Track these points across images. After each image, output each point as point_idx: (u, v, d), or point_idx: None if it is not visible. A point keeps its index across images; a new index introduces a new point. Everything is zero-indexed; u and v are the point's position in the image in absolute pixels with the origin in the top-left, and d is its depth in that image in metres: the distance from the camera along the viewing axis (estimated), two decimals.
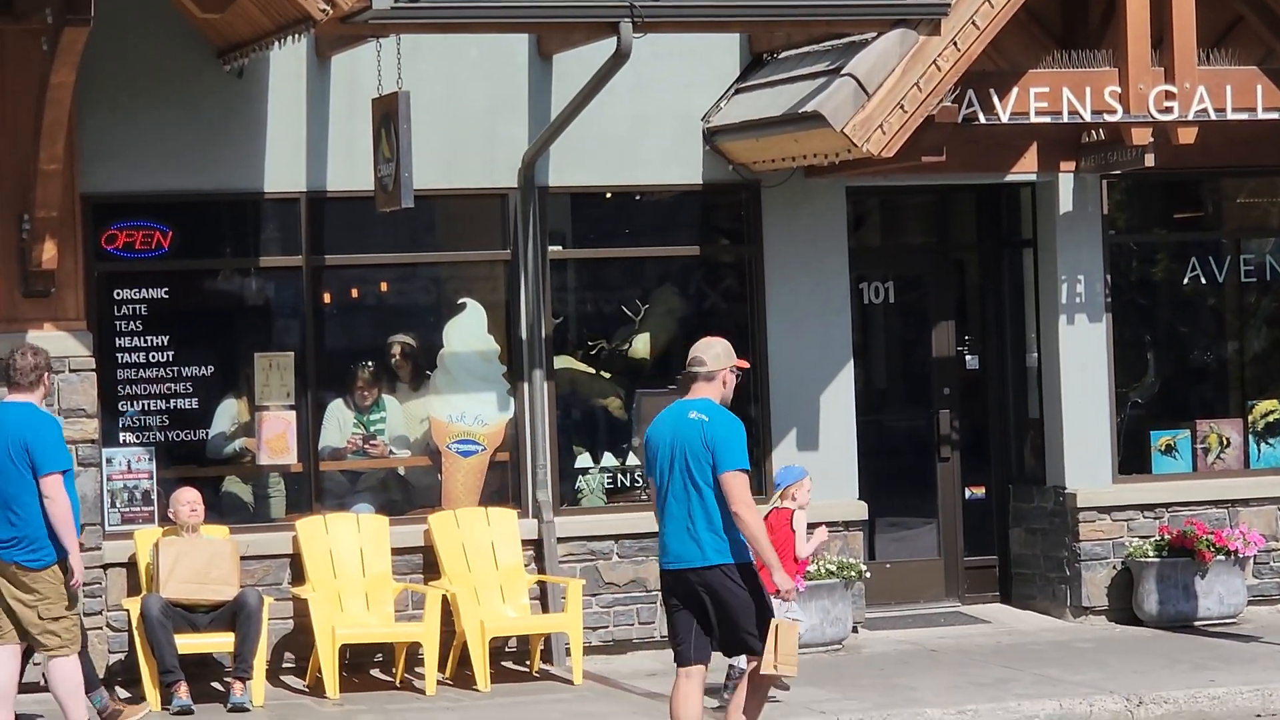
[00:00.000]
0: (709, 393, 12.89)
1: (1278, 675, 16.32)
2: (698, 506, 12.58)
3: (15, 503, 13.88)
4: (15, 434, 13.87)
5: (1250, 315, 20.24)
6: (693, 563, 12.56)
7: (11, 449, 13.85)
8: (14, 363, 14.11)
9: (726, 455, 12.53)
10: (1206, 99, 18.11)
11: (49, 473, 13.82)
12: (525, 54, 17.92)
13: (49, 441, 13.90)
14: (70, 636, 14.01)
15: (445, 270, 18.29)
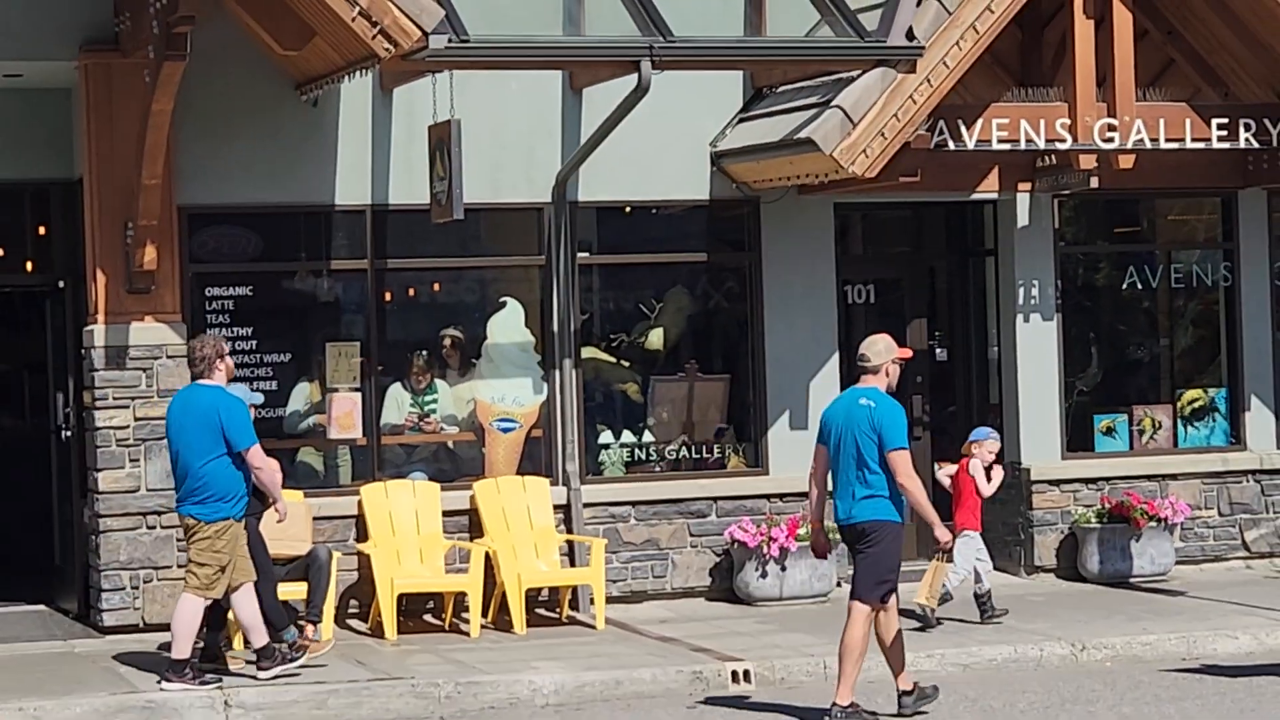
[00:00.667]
0: (875, 383, 13.48)
1: (1201, 625, 16.40)
2: (862, 475, 13.23)
3: (194, 469, 14.49)
4: (206, 412, 14.46)
5: (1179, 316, 20.29)
6: (852, 519, 13.25)
7: (201, 424, 14.44)
8: (193, 352, 14.88)
9: (891, 436, 13.18)
10: (1143, 130, 18.22)
11: (248, 446, 14.50)
12: (559, 88, 17.96)
13: (241, 420, 14.55)
14: (205, 584, 14.48)
15: (489, 273, 18.35)
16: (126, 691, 14.36)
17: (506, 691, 14.61)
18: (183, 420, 14.63)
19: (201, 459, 14.46)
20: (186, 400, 14.75)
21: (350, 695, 14.40)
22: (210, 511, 14.49)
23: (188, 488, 14.58)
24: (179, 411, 14.72)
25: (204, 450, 14.48)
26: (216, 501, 14.50)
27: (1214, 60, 19.08)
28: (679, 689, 14.85)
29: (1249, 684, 14.57)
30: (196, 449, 14.49)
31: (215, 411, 14.49)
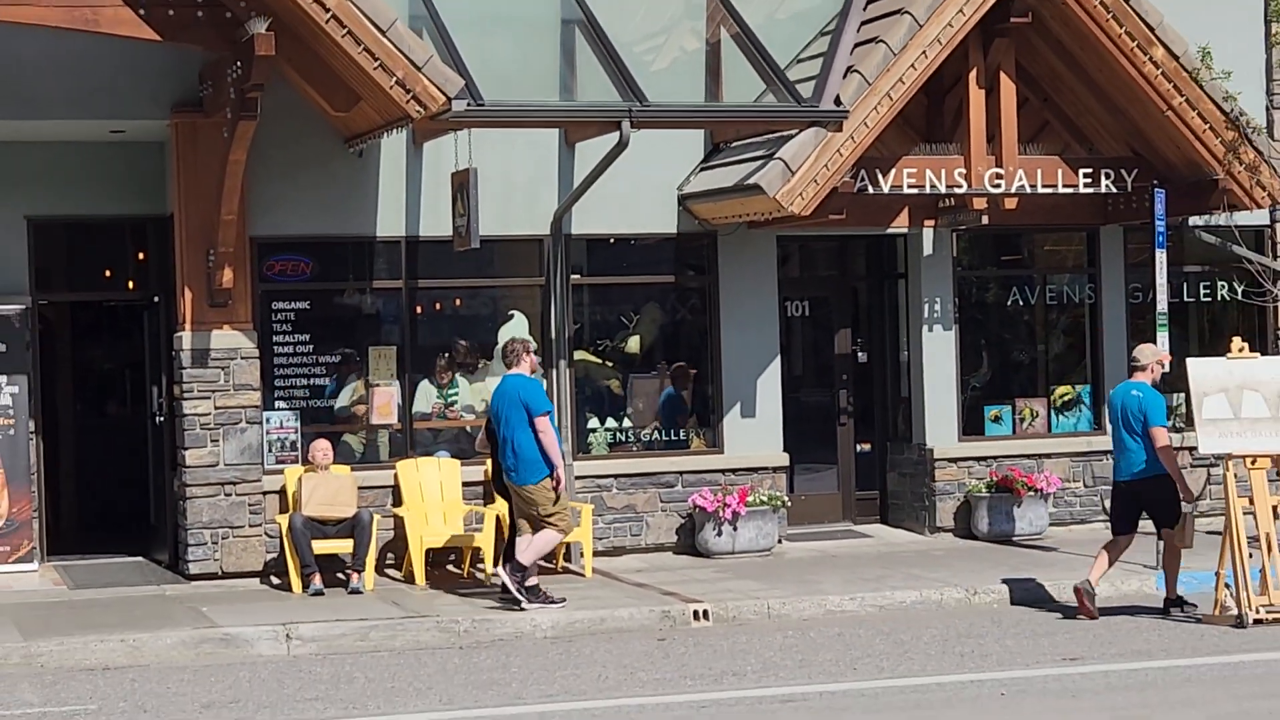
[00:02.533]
0: (1144, 378, 15.05)
1: (1069, 574, 16.28)
2: (1132, 444, 14.86)
3: (514, 443, 15.14)
4: (517, 395, 15.16)
5: (1053, 327, 20.30)
6: (1125, 476, 15.02)
7: (514, 407, 15.13)
8: (506, 348, 15.77)
9: (1153, 416, 14.74)
10: (1024, 178, 18.28)
11: (542, 413, 15.13)
12: (556, 142, 17.95)
13: (538, 396, 15.24)
14: (565, 524, 15.44)
15: (499, 291, 18.30)
16: (207, 626, 14.40)
17: (513, 627, 14.63)
18: (499, 403, 15.38)
19: (515, 431, 15.12)
20: (500, 390, 15.55)
21: (388, 629, 14.43)
22: (534, 475, 15.13)
23: (510, 455, 15.24)
24: (497, 398, 15.51)
25: (516, 423, 15.14)
26: (538, 466, 15.13)
27: (1081, 122, 19.12)
28: (651, 624, 14.90)
29: (1106, 621, 14.65)
30: (513, 423, 15.18)
31: (517, 391, 15.19)
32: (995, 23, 17.88)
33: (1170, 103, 18.09)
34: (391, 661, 13.56)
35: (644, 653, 13.65)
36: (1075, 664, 12.72)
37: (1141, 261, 19.16)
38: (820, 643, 13.88)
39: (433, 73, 14.99)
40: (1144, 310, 19.25)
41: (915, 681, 12.16)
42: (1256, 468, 14.59)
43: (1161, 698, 11.48)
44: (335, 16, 14.71)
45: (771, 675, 12.56)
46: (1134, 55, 17.94)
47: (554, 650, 13.89)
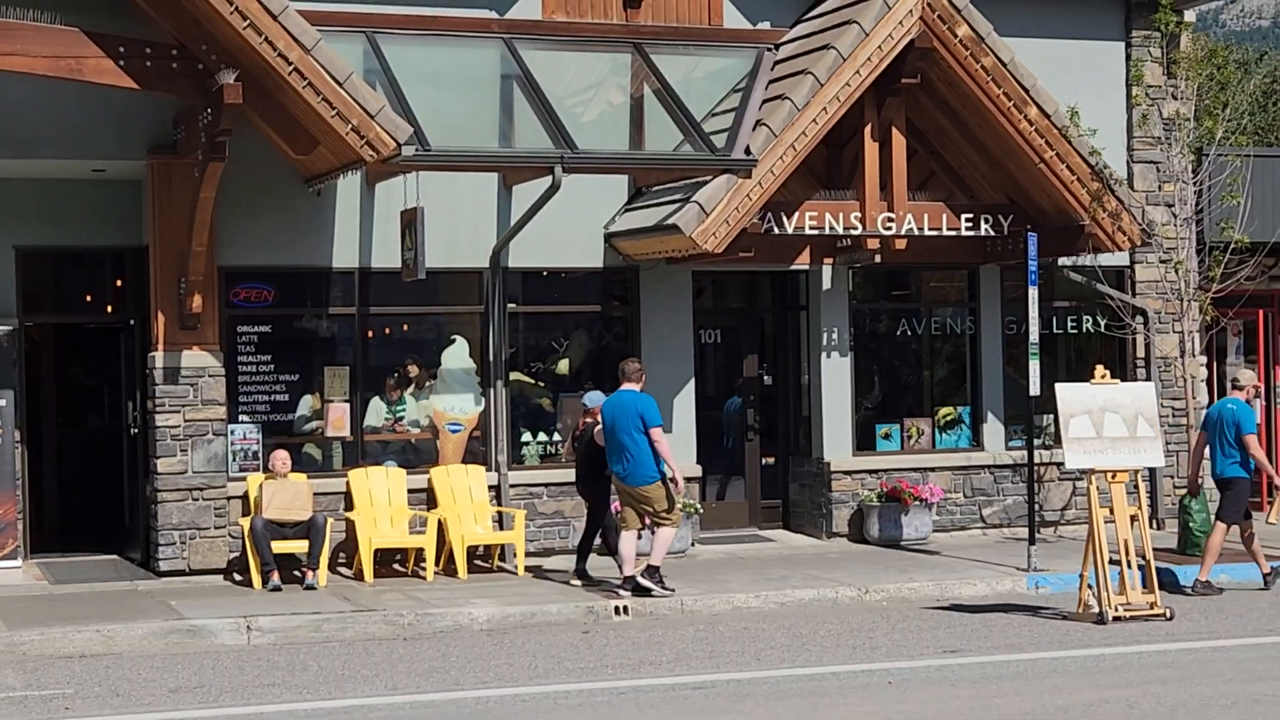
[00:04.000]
0: (1240, 396, 16.45)
1: (951, 575, 16.51)
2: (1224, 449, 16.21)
3: (629, 450, 15.41)
4: (632, 407, 15.44)
5: (937, 355, 20.35)
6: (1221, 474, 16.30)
7: (630, 417, 15.40)
8: (626, 368, 15.92)
9: (1244, 424, 16.16)
10: (913, 222, 18.35)
11: (655, 426, 15.45)
12: (495, 185, 17.90)
13: (651, 410, 15.48)
14: (676, 519, 15.70)
15: (443, 318, 18.22)
16: (175, 618, 14.24)
17: (452, 620, 14.55)
18: (615, 413, 15.53)
19: (632, 439, 15.37)
20: (616, 401, 15.65)
21: (339, 622, 14.32)
22: (650, 478, 15.44)
23: (625, 462, 15.48)
24: (612, 408, 15.64)
25: (635, 430, 15.39)
26: (649, 469, 15.42)
27: (964, 173, 19.22)
28: (577, 619, 14.85)
29: (983, 618, 14.68)
30: (630, 431, 15.42)
31: (636, 404, 15.43)
32: (888, 83, 17.97)
33: (1043, 156, 18.22)
34: (342, 651, 13.46)
35: (570, 644, 13.60)
36: (955, 656, 12.76)
37: (1016, 297, 19.24)
38: (728, 636, 13.87)
39: (385, 121, 14.95)
40: (1018, 341, 19.34)
41: (812, 671, 12.16)
42: (1116, 481, 14.70)
43: (1030, 686, 11.52)
44: (297, 69, 14.68)
45: (684, 665, 12.54)
46: (1011, 114, 18.06)
47: (489, 641, 13.82)
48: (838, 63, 17.45)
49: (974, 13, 17.86)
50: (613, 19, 18.49)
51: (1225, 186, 18.96)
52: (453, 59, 17.61)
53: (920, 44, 17.74)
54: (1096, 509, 14.47)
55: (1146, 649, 12.92)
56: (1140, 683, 11.52)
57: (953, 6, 17.76)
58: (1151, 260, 20.27)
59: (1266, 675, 11.71)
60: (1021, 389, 18.20)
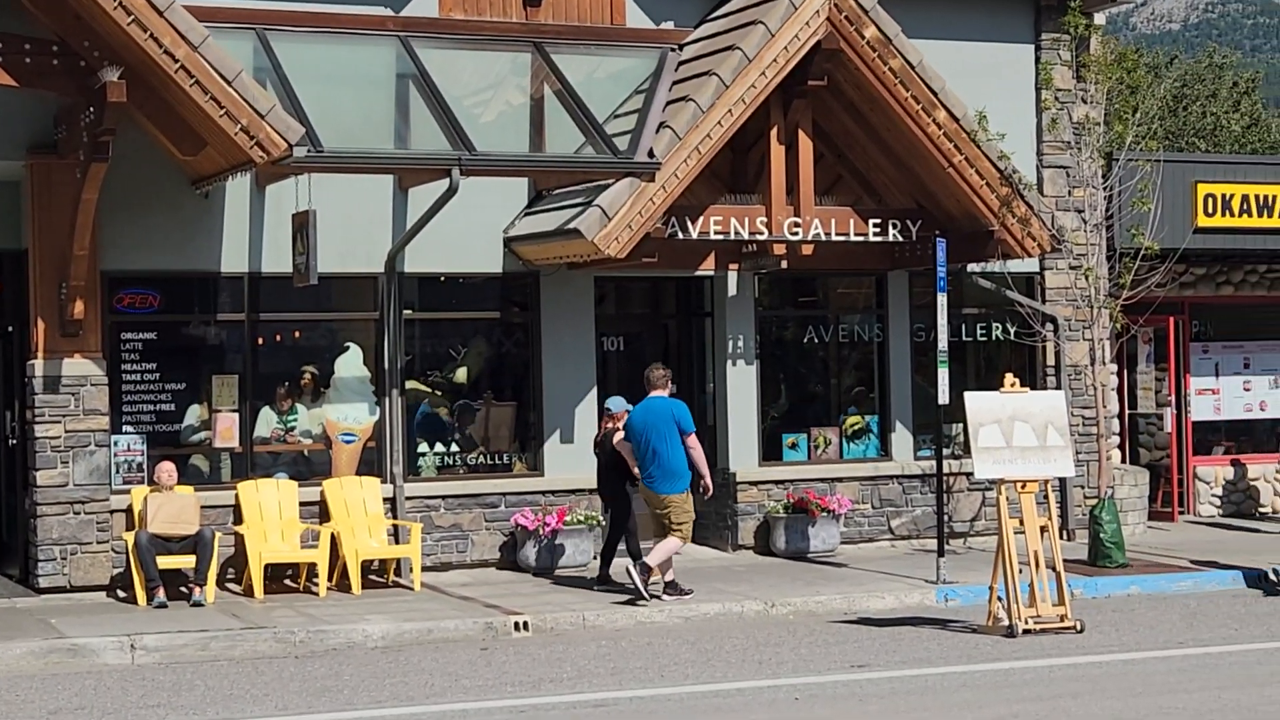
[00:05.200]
0: None
1: (858, 588, 16.57)
2: None
3: (661, 456, 15.82)
4: (667, 413, 15.85)
5: (844, 363, 20.47)
6: None
7: (666, 423, 15.79)
8: (651, 375, 16.26)
9: None
10: (819, 227, 18.45)
11: (691, 432, 15.91)
12: (391, 187, 17.84)
13: (687, 416, 15.94)
14: (684, 532, 15.99)
15: (337, 324, 18.13)
16: (55, 637, 14.05)
17: (345, 637, 14.45)
18: (648, 418, 15.90)
19: (666, 444, 15.78)
20: (649, 407, 16.01)
21: (227, 640, 14.18)
22: (678, 487, 15.83)
23: (655, 468, 15.84)
24: (644, 413, 16.01)
25: (669, 435, 15.80)
26: (678, 478, 15.83)
27: (872, 177, 19.35)
28: (475, 635, 14.79)
29: (892, 631, 14.76)
30: (663, 436, 15.81)
31: (670, 410, 15.86)
32: (794, 85, 18.06)
33: (951, 160, 18.37)
34: (231, 670, 13.33)
35: (468, 661, 13.55)
36: (863, 670, 12.82)
37: (925, 304, 19.37)
38: (631, 651, 13.86)
39: (275, 121, 14.86)
40: (926, 348, 19.48)
41: (718, 687, 12.18)
42: (1026, 491, 14.83)
43: (940, 701, 11.59)
44: (184, 67, 14.55)
45: (586, 682, 12.52)
46: (919, 117, 18.20)
47: (384, 659, 13.73)
48: (743, 64, 17.51)
49: (882, 14, 17.98)
50: (512, 17, 18.48)
51: (1135, 192, 19.19)
52: (347, 57, 17.51)
53: (827, 45, 17.84)
54: (1006, 520, 14.58)
55: (1057, 662, 13.03)
56: (1051, 696, 11.62)
57: (860, 8, 17.87)
58: (1061, 267, 20.50)
59: (1177, 688, 11.85)
60: (930, 397, 18.33)
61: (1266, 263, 23.31)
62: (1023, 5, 20.54)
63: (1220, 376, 23.20)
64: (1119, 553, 18.04)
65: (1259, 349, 23.55)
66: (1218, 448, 23.37)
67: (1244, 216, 21.55)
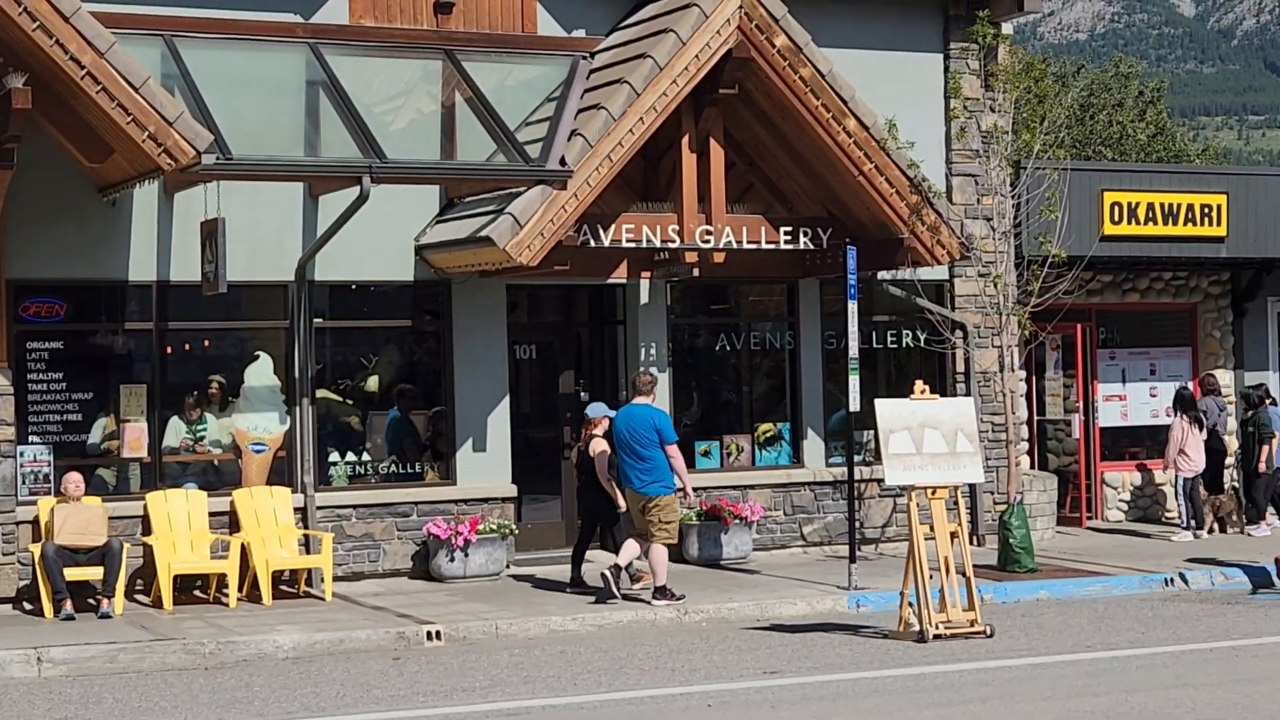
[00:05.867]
0: None
1: (771, 595, 16.63)
2: None
3: (645, 461, 16.16)
4: (648, 420, 16.21)
5: (756, 370, 20.56)
6: None
7: (647, 430, 16.15)
8: (636, 381, 16.75)
9: None
10: (731, 235, 18.54)
11: (672, 441, 16.26)
12: (301, 195, 17.75)
13: (668, 426, 16.33)
14: (667, 535, 16.30)
15: (247, 333, 18.01)
16: None
17: (256, 648, 14.35)
18: (631, 424, 16.24)
19: (649, 449, 16.12)
20: (631, 414, 16.37)
21: (136, 652, 14.04)
22: (665, 488, 16.21)
23: (644, 471, 16.21)
24: (628, 419, 16.35)
25: (650, 444, 16.14)
26: (666, 479, 16.20)
27: (783, 185, 19.45)
28: (387, 645, 14.72)
29: (804, 638, 14.82)
30: (646, 443, 16.14)
31: (652, 418, 16.21)
32: (706, 93, 18.14)
33: (861, 169, 18.50)
34: (139, 683, 13.21)
35: (380, 671, 13.49)
36: (775, 677, 12.87)
37: (836, 311, 19.44)
38: (544, 660, 13.85)
39: (183, 128, 14.77)
40: (837, 356, 19.58)
41: (630, 695, 12.19)
42: (936, 498, 14.94)
43: (852, 707, 11.66)
44: (90, 73, 14.43)
45: (499, 691, 12.50)
46: (829, 125, 18.31)
47: (295, 670, 13.65)
48: (654, 72, 17.56)
49: (792, 23, 18.08)
50: (423, 25, 18.45)
51: (1043, 200, 19.40)
52: (256, 64, 17.43)
53: (738, 54, 17.93)
54: (916, 526, 14.69)
55: (967, 667, 13.14)
56: (961, 701, 11.72)
57: (770, 16, 17.96)
58: (970, 274, 20.68)
59: (1085, 692, 11.98)
60: (842, 404, 18.42)
61: (1171, 270, 23.62)
62: (931, 14, 20.71)
63: (1127, 383, 23.46)
64: (1028, 558, 18.22)
65: (1165, 355, 23.85)
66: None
67: (1149, 224, 21.82)
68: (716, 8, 17.78)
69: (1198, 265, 23.47)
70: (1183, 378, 23.68)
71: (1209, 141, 67.61)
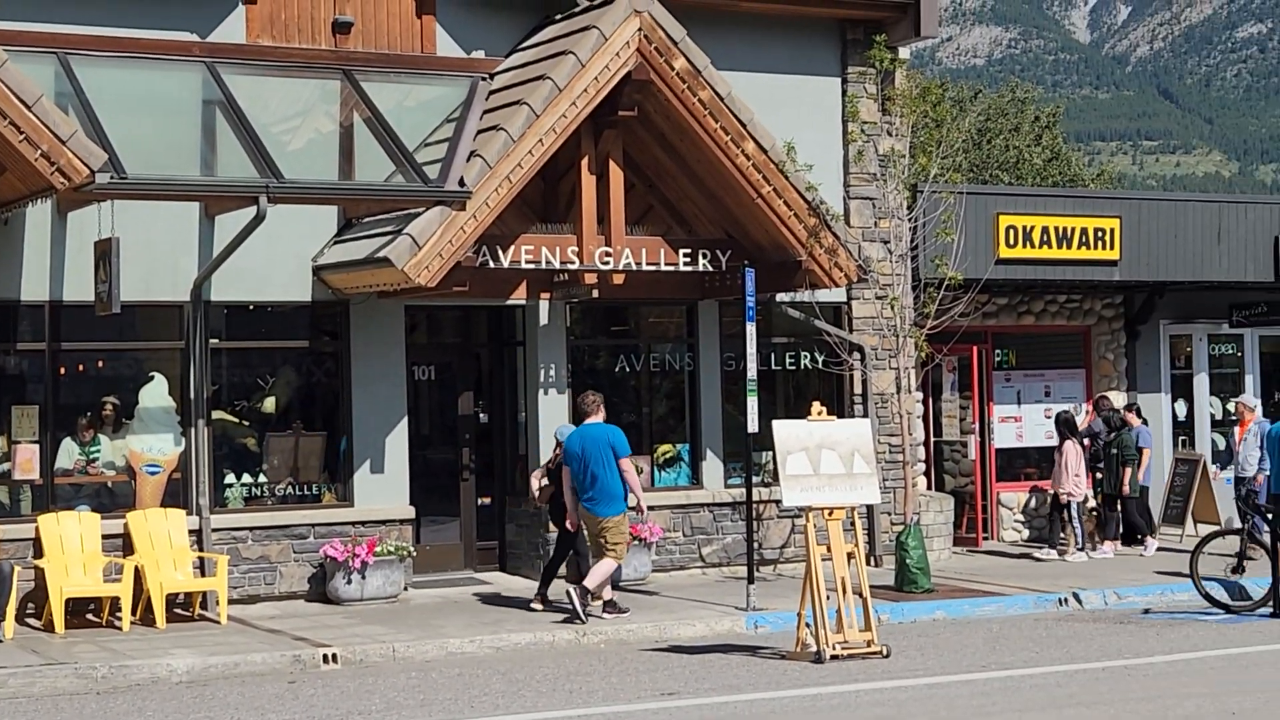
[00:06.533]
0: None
1: (669, 616, 16.62)
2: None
3: (600, 479, 16.40)
4: (604, 439, 16.47)
5: (656, 391, 20.58)
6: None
7: (600, 447, 16.42)
8: (584, 402, 16.95)
9: None
10: (630, 257, 18.59)
11: (626, 455, 16.56)
12: (197, 214, 17.63)
13: (622, 441, 16.59)
14: (618, 553, 16.57)
15: (141, 354, 17.83)
16: None
17: (149, 672, 14.19)
18: (584, 446, 16.46)
19: (605, 469, 16.39)
20: (585, 434, 16.61)
21: (27, 676, 13.84)
22: (616, 510, 16.44)
23: (596, 492, 16.43)
24: (580, 440, 16.59)
25: (607, 462, 16.42)
26: (616, 500, 16.45)
27: (682, 207, 19.51)
28: (283, 668, 14.59)
29: (702, 659, 14.82)
30: (601, 461, 16.42)
31: (607, 435, 16.51)
32: (605, 115, 18.17)
33: (760, 191, 18.59)
34: (29, 708, 13.01)
35: (275, 695, 13.37)
36: (673, 698, 12.86)
37: (735, 333, 19.53)
38: (441, 682, 13.78)
39: (77, 147, 14.62)
40: (736, 377, 19.65)
41: (527, 717, 12.14)
42: (833, 519, 15.00)
43: None
44: None
45: (394, 713, 12.41)
46: (728, 148, 18.39)
47: (188, 694, 13.50)
48: (554, 94, 17.57)
49: (691, 46, 18.15)
50: (321, 45, 18.37)
51: (939, 223, 19.57)
52: (152, 83, 17.28)
53: (637, 76, 17.97)
54: (814, 547, 14.75)
55: (863, 687, 13.19)
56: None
57: (670, 39, 18.02)
58: (868, 296, 20.82)
59: (979, 711, 12.06)
60: (741, 426, 18.46)
61: (1066, 293, 23.90)
62: (829, 38, 20.86)
63: (1022, 404, 23.70)
64: (924, 578, 18.34)
65: (1059, 377, 24.12)
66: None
67: (1044, 248, 22.06)
68: (616, 30, 17.82)
69: (1092, 288, 23.77)
70: (1077, 399, 23.96)
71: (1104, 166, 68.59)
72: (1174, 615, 17.42)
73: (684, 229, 19.49)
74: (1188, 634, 16.08)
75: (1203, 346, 25.17)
